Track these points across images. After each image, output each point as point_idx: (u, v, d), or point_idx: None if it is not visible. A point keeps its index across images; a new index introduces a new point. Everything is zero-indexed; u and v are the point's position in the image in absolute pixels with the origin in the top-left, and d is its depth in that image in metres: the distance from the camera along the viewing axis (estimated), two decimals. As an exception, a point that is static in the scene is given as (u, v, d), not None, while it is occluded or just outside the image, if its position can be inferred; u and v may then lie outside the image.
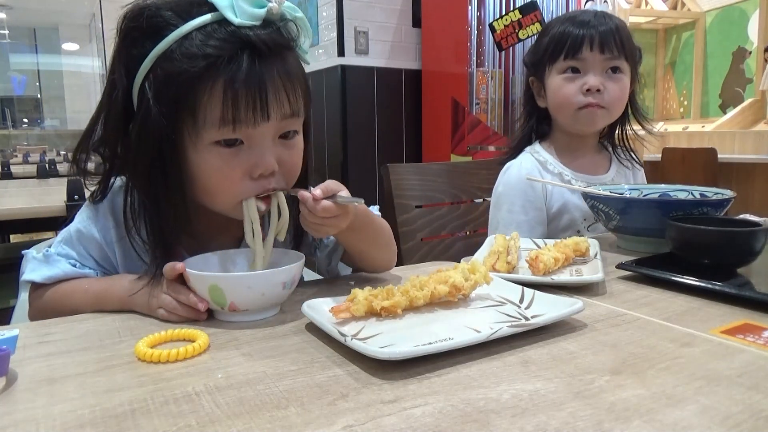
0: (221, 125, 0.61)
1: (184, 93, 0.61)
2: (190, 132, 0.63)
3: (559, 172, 1.16)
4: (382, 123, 3.14)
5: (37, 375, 0.47)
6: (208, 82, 0.60)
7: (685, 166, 3.31)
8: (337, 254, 0.82)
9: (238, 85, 0.60)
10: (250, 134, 0.63)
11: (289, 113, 0.65)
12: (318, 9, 3.19)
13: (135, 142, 0.64)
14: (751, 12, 3.75)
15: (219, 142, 0.63)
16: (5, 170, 3.06)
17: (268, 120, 0.63)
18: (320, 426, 0.38)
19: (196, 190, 0.67)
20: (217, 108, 0.60)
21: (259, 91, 0.61)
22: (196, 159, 0.64)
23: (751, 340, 0.52)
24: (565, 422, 0.38)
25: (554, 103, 1.15)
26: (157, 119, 0.61)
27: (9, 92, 8.81)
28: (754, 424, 0.38)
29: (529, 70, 1.21)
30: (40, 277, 0.69)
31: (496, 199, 1.18)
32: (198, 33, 0.61)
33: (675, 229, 0.77)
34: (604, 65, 1.10)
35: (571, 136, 1.18)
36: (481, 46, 2.80)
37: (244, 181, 0.65)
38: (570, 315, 0.56)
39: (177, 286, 0.61)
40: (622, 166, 1.23)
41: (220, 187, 0.66)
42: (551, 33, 1.13)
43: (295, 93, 0.65)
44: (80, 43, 8.45)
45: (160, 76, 0.61)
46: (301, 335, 0.56)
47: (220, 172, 0.64)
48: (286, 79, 0.64)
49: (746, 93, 3.78)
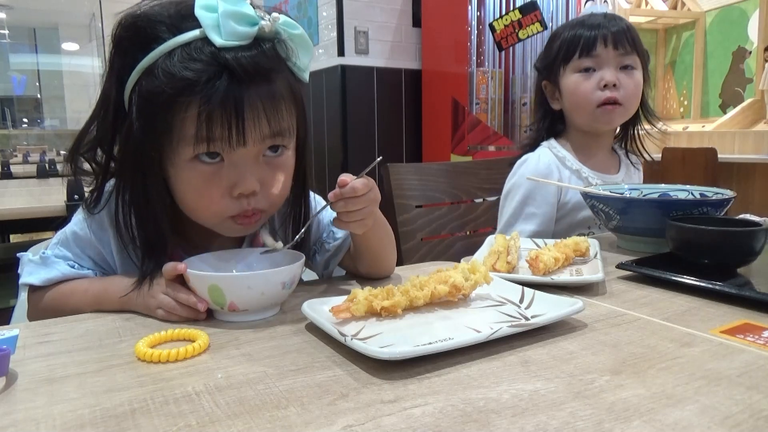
0: (196, 142, 0.60)
1: (162, 111, 0.60)
2: (167, 149, 0.62)
3: (577, 168, 1.16)
4: (382, 123, 3.13)
5: (37, 375, 0.47)
6: (184, 102, 0.59)
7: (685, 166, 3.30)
8: (335, 259, 0.81)
9: (213, 108, 0.58)
10: (230, 152, 0.62)
11: (269, 135, 0.63)
12: (318, 9, 3.19)
13: (120, 151, 0.64)
14: (751, 12, 3.75)
15: (198, 158, 0.62)
16: (5, 170, 3.06)
17: (245, 145, 0.61)
18: (320, 426, 0.38)
19: (180, 204, 0.67)
20: (192, 127, 0.60)
21: (236, 115, 0.59)
22: (176, 176, 0.64)
23: (751, 340, 0.52)
24: (565, 422, 0.38)
25: (571, 102, 1.16)
26: (138, 134, 0.61)
27: (9, 92, 8.81)
28: (754, 424, 0.38)
29: (541, 74, 1.23)
30: (39, 279, 0.69)
31: (512, 189, 1.18)
32: (182, 50, 0.59)
33: (675, 229, 0.77)
34: (617, 61, 1.11)
35: (587, 135, 1.19)
36: (481, 46, 2.80)
37: (224, 200, 0.64)
38: (570, 315, 0.56)
39: (176, 286, 0.61)
40: (631, 167, 1.25)
41: (200, 204, 0.65)
42: (562, 37, 1.15)
43: (278, 116, 0.63)
44: (80, 43, 8.44)
45: (143, 92, 0.61)
46: (301, 335, 0.56)
47: (198, 190, 0.64)
48: (269, 103, 0.61)
49: (746, 93, 3.78)
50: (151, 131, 0.61)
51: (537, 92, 1.26)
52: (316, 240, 0.82)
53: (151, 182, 0.64)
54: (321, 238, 0.82)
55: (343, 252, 0.80)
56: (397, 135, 3.20)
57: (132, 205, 0.66)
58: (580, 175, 1.16)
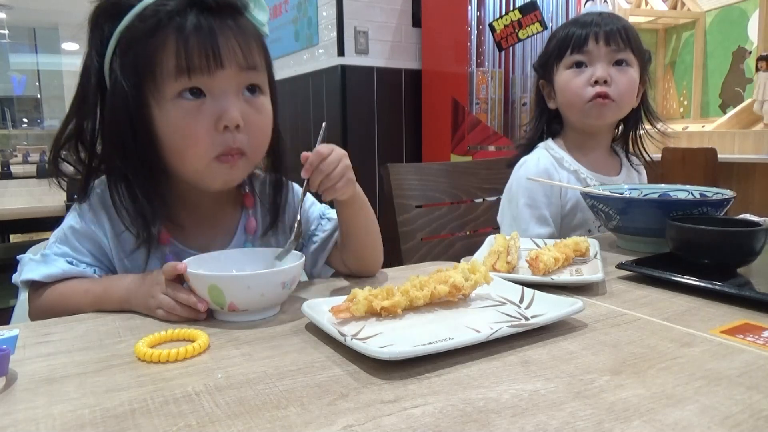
0: (177, 75, 0.65)
1: (141, 53, 0.65)
2: (153, 93, 0.66)
3: (575, 169, 1.16)
4: (382, 123, 3.13)
5: (37, 375, 0.47)
6: (160, 37, 0.64)
7: (685, 166, 3.31)
8: (323, 254, 0.83)
9: (188, 35, 0.64)
10: (210, 85, 0.66)
11: (245, 65, 0.67)
12: (318, 9, 3.18)
13: (108, 116, 0.68)
14: (751, 12, 3.75)
15: (182, 95, 0.66)
16: (5, 170, 3.07)
17: (223, 67, 0.65)
18: (320, 426, 0.38)
19: (167, 153, 0.69)
20: (171, 59, 0.64)
21: (210, 39, 0.64)
22: (162, 117, 0.67)
23: (751, 340, 0.52)
24: (565, 422, 0.38)
25: (564, 99, 1.15)
26: (123, 88, 0.66)
27: (9, 92, 8.81)
28: (754, 424, 0.38)
29: (539, 73, 1.23)
30: (39, 275, 0.69)
31: (512, 193, 1.17)
32: (154, 2, 0.65)
33: (675, 229, 0.77)
34: (610, 57, 1.11)
35: (583, 134, 1.19)
36: (481, 46, 2.80)
37: (209, 135, 0.67)
38: (570, 315, 0.56)
39: (176, 286, 0.61)
40: (632, 170, 1.24)
41: (187, 143, 0.67)
42: (557, 36, 1.16)
43: (249, 45, 0.68)
44: (80, 43, 8.42)
45: (123, 47, 0.66)
46: (301, 335, 0.56)
47: (185, 125, 0.67)
48: (238, 32, 0.67)
49: (746, 93, 3.78)
50: (135, 74, 0.65)
51: (535, 92, 1.26)
52: (305, 234, 0.84)
53: (140, 133, 0.67)
54: (310, 231, 0.84)
55: (331, 244, 0.82)
56: (397, 135, 3.19)
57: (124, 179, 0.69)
58: (578, 176, 1.15)
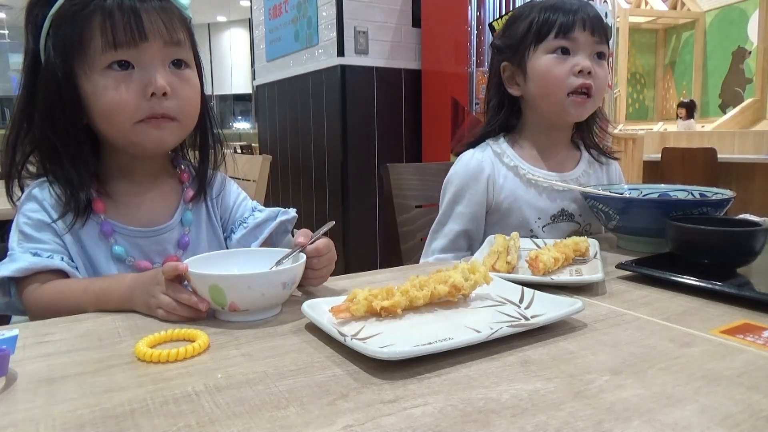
0: (105, 49, 0.71)
1: (70, 31, 0.71)
2: (82, 66, 0.72)
3: (514, 165, 1.08)
4: (382, 123, 3.13)
5: (37, 375, 0.47)
6: (88, 15, 0.70)
7: (685, 166, 3.31)
8: (256, 242, 0.85)
9: (113, 11, 0.70)
10: (137, 57, 0.72)
11: (170, 39, 0.73)
12: (318, 9, 3.18)
13: (41, 90, 0.74)
14: (750, 12, 3.75)
15: (111, 67, 0.71)
16: (5, 170, 3.06)
17: (147, 40, 0.71)
18: (320, 426, 0.38)
19: (97, 120, 0.74)
20: (98, 34, 0.70)
21: (134, 15, 0.70)
22: (91, 87, 0.72)
23: (751, 340, 0.52)
24: (565, 422, 0.38)
25: (541, 87, 1.05)
26: (54, 63, 0.72)
27: (8, 92, 8.80)
28: (754, 424, 0.38)
29: (502, 53, 1.11)
30: (10, 271, 0.69)
31: (443, 187, 1.14)
32: None
33: (675, 229, 0.77)
34: (592, 48, 1.04)
35: (546, 129, 1.11)
36: (481, 46, 2.80)
37: (137, 100, 0.72)
38: (570, 315, 0.56)
39: (176, 286, 0.61)
40: (594, 162, 1.16)
41: (116, 106, 0.72)
42: (532, 17, 1.06)
43: (172, 22, 0.74)
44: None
45: (55, 28, 0.72)
46: (301, 335, 0.56)
47: (112, 91, 0.72)
48: (161, 10, 0.73)
49: (746, 93, 3.78)
50: (65, 50, 0.72)
51: (493, 75, 1.14)
52: (234, 220, 0.89)
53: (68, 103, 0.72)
54: (240, 218, 0.88)
55: (264, 234, 0.85)
56: (397, 135, 3.19)
57: (54, 150, 0.75)
58: (517, 172, 1.08)
